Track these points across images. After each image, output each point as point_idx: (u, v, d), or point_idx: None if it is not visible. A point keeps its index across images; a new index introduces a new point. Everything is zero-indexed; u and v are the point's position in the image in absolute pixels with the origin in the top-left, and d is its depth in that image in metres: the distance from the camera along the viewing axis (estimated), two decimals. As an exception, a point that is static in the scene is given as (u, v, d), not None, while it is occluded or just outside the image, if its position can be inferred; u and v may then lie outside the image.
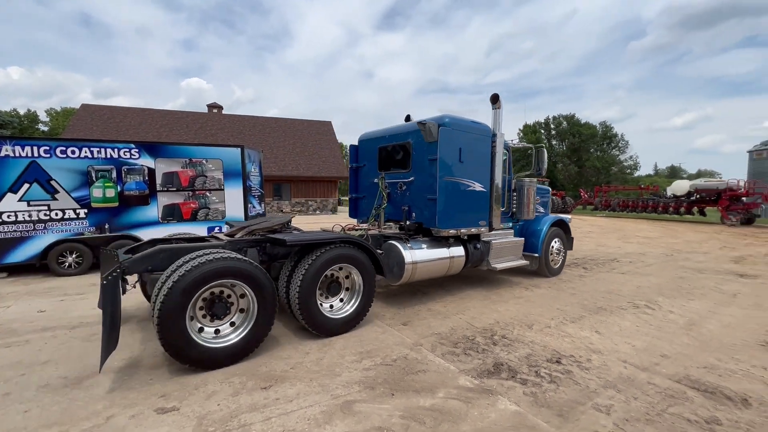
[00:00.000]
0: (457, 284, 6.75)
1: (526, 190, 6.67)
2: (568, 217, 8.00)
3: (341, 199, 35.10)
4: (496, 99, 5.90)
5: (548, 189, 8.19)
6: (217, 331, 3.60)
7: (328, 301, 4.45)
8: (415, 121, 5.54)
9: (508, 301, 5.73)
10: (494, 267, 6.14)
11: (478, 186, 5.81)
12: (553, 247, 7.29)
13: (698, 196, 21.08)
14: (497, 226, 6.16)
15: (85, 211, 7.93)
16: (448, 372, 3.48)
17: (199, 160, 9.00)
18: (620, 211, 24.77)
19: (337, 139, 32.26)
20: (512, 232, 6.95)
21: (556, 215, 7.65)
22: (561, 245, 7.53)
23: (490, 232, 6.19)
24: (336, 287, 4.49)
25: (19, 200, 7.40)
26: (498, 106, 5.95)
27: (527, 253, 6.99)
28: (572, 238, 7.96)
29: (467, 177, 5.66)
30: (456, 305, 5.53)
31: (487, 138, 5.94)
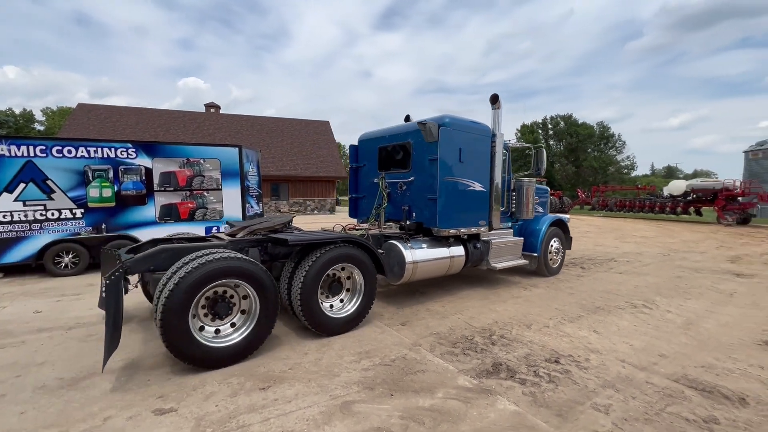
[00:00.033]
0: (456, 284, 6.75)
1: (525, 189, 6.68)
2: (566, 216, 8.02)
3: (339, 199, 35.02)
4: (496, 99, 5.91)
5: (547, 189, 8.20)
6: (217, 331, 3.59)
7: (329, 301, 4.44)
8: (416, 121, 5.54)
9: (507, 301, 5.73)
10: (494, 266, 6.15)
11: (477, 186, 5.82)
12: (552, 246, 7.31)
13: (695, 196, 21.22)
14: (497, 225, 6.17)
15: (82, 211, 7.88)
16: (447, 372, 3.47)
17: (197, 159, 8.96)
18: (617, 210, 24.89)
19: (335, 139, 32.20)
20: (511, 232, 6.97)
21: (554, 215, 7.66)
22: (560, 245, 7.55)
23: (489, 231, 6.19)
24: (337, 287, 4.49)
25: (15, 200, 7.35)
26: (498, 106, 5.96)
27: (526, 252, 7.00)
28: (571, 237, 7.98)
29: (467, 177, 5.66)
30: (454, 305, 5.53)
31: (487, 138, 5.94)
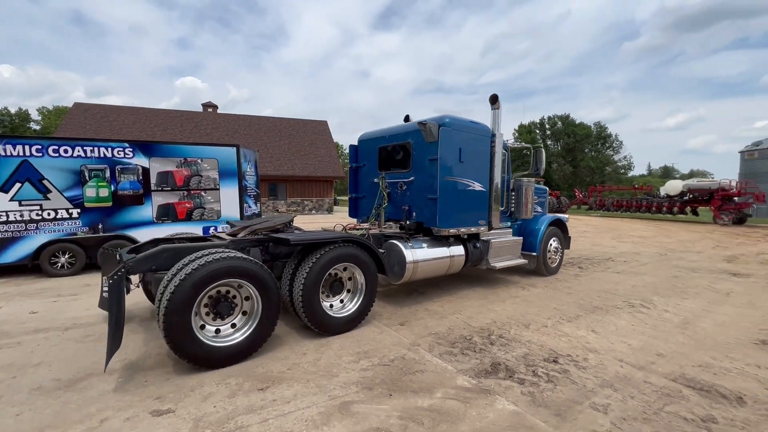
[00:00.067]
0: (454, 284, 6.75)
1: (524, 189, 6.69)
2: (565, 216, 8.04)
3: (337, 199, 34.98)
4: (495, 99, 5.92)
5: (546, 189, 8.22)
6: (217, 331, 3.58)
7: (330, 300, 4.44)
8: (416, 121, 5.54)
9: (505, 301, 5.74)
10: (493, 266, 6.16)
11: (477, 186, 5.82)
12: (551, 246, 7.33)
13: (691, 196, 21.34)
14: (496, 225, 6.18)
15: (78, 210, 7.83)
16: (445, 372, 3.47)
17: (194, 159, 8.92)
18: (614, 210, 25.00)
19: (332, 139, 32.14)
20: (511, 232, 6.98)
21: (553, 215, 7.68)
22: (558, 244, 7.57)
23: (489, 231, 6.20)
24: (338, 286, 4.49)
25: (11, 200, 7.29)
26: (497, 106, 5.97)
27: (525, 252, 7.02)
28: (569, 237, 8.00)
29: (467, 177, 5.67)
30: (453, 305, 5.53)
31: (487, 138, 5.95)
